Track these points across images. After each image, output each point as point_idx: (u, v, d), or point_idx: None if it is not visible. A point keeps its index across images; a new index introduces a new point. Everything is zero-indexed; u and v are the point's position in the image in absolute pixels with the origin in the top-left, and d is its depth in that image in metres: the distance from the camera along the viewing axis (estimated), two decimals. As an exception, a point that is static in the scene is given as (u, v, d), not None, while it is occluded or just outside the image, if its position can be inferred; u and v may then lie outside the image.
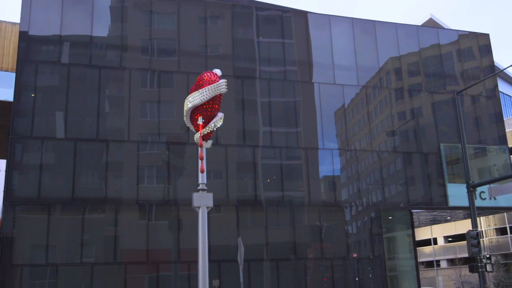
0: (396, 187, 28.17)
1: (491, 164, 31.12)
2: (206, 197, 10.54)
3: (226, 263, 22.53)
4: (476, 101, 31.18)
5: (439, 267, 71.70)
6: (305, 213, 25.68)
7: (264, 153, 25.69)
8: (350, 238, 26.46)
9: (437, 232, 69.65)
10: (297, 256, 24.71)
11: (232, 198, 24.38)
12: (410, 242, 29.44)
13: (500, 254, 63.11)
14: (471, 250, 22.66)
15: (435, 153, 28.80)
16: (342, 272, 25.32)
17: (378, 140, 28.64)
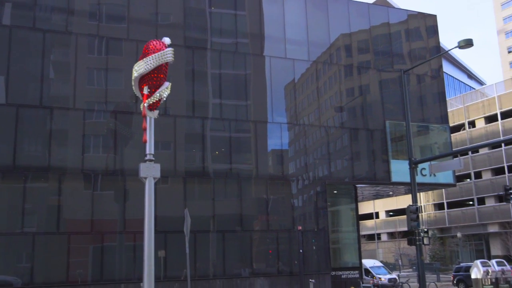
0: (342, 162, 28.78)
1: (432, 142, 32.25)
2: (153, 168, 10.41)
3: (172, 234, 22.52)
4: (421, 81, 32.04)
5: (379, 240, 74.38)
6: (252, 186, 25.90)
7: (213, 125, 25.61)
8: (296, 211, 26.94)
9: (379, 207, 72.03)
10: (243, 228, 24.99)
11: (180, 170, 24.26)
12: (353, 215, 30.31)
13: (437, 228, 66.04)
14: (410, 224, 23.53)
15: (381, 130, 29.52)
16: (287, 244, 25.82)
17: (326, 115, 29.06)
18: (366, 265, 36.56)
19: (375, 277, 34.38)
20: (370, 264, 36.96)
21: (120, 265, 22.47)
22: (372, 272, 35.23)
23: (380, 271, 35.87)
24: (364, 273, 35.29)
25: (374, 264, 37.54)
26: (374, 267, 36.37)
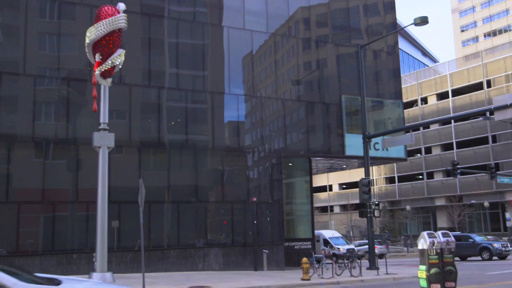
0: (297, 135, 29.05)
1: (386, 117, 32.92)
2: (107, 137, 10.25)
3: (126, 204, 22.32)
4: (377, 56, 32.47)
5: (332, 212, 76.04)
6: (208, 157, 25.87)
7: (170, 95, 25.28)
8: (251, 182, 27.13)
9: (332, 180, 73.41)
10: (198, 199, 25.02)
11: (135, 139, 23.94)
12: (308, 188, 30.80)
13: (387, 201, 68.03)
14: (362, 197, 24.14)
15: (336, 104, 29.87)
16: (241, 215, 26.05)
17: (283, 88, 29.15)
18: (325, 235, 37.14)
19: (334, 247, 34.95)
20: (329, 235, 37.51)
21: (73, 235, 22.17)
22: (331, 242, 35.76)
23: (339, 242, 36.46)
24: (323, 243, 35.95)
25: (333, 235, 38.10)
26: (333, 238, 36.92)
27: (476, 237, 33.50)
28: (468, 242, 33.05)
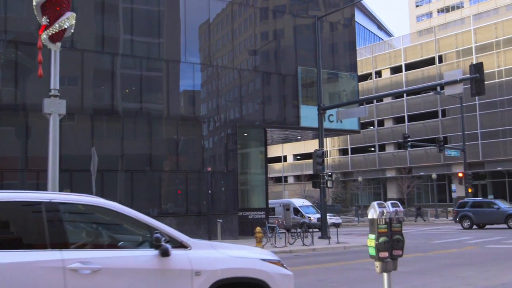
0: (253, 106, 29.07)
1: (341, 90, 33.31)
2: (58, 104, 9.96)
3: (78, 173, 21.91)
4: (334, 29, 32.62)
5: (286, 182, 77.04)
6: (163, 126, 25.60)
7: (124, 62, 24.71)
8: (206, 152, 27.09)
9: (287, 150, 74.15)
10: (153, 168, 24.82)
11: (88, 107, 23.38)
12: (262, 158, 31.03)
13: (340, 172, 69.41)
14: (316, 167, 24.51)
15: (292, 75, 29.96)
16: (196, 185, 26.05)
17: (240, 58, 28.97)
18: (295, 204, 36.88)
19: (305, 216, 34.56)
20: (299, 204, 37.21)
21: (22, 203, 21.64)
22: (301, 211, 35.50)
23: (309, 211, 36.23)
24: (293, 212, 35.86)
25: (303, 204, 37.80)
26: (303, 207, 36.63)
27: (501, 204, 31.09)
28: (492, 209, 30.66)
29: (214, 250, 5.25)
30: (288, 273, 5.51)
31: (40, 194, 4.91)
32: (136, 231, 5.10)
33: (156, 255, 4.75)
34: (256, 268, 5.26)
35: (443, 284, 9.92)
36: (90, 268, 4.42)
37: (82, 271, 4.39)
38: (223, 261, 5.13)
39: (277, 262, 5.55)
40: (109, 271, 4.49)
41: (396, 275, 7.29)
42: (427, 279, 10.66)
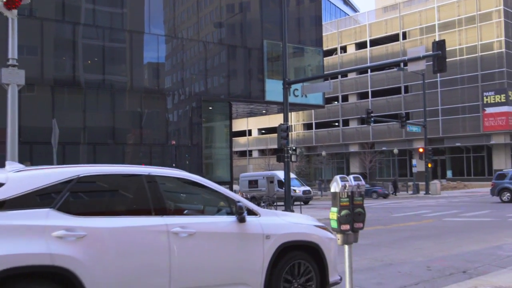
0: (218, 79, 28.87)
1: (306, 64, 33.37)
2: (16, 74, 9.67)
3: (38, 145, 21.45)
4: (300, 3, 32.48)
5: (251, 156, 77.30)
6: (126, 99, 25.20)
7: (86, 32, 24.07)
8: (170, 125, 26.87)
9: (252, 124, 74.23)
10: (116, 141, 24.50)
11: (48, 78, 22.78)
12: (227, 132, 30.99)
13: (304, 147, 70.05)
14: (280, 142, 24.60)
15: (258, 49, 29.82)
16: (160, 158, 25.88)
17: (205, 30, 28.60)
18: (279, 176, 36.34)
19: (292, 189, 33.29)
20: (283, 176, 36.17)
21: (-20, 176, 21.12)
22: None
23: (294, 183, 34.86)
24: (277, 184, 35.36)
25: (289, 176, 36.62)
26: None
27: None
28: None
29: (277, 217, 6.09)
30: (333, 237, 6.20)
31: (140, 168, 5.61)
32: (214, 200, 5.86)
33: (234, 221, 5.52)
34: (311, 233, 6.05)
35: (401, 256, 10.22)
36: (187, 232, 5.11)
37: (181, 235, 5.08)
38: (286, 227, 5.92)
39: (325, 228, 6.38)
40: (201, 235, 5.22)
41: (357, 247, 7.47)
42: (387, 251, 10.95)
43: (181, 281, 5.05)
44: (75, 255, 4.43)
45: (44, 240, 4.36)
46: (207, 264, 5.24)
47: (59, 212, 4.58)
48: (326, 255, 6.12)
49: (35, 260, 4.30)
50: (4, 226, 4.32)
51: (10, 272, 4.18)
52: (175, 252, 5.02)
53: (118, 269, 4.61)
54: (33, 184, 4.65)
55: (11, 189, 4.53)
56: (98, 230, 4.66)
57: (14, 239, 4.29)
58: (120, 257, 4.62)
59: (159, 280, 4.92)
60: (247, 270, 5.56)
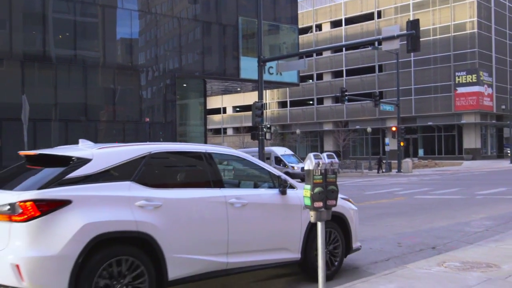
0: (193, 56, 28.59)
1: (281, 42, 33.23)
2: (-16, 48, 9.42)
3: (8, 121, 21.02)
4: (276, -21, 32.19)
5: (225, 134, 77.19)
6: (99, 75, 24.79)
7: (56, 5, 23.47)
8: (144, 102, 26.58)
9: (227, 102, 73.94)
10: (88, 118, 24.15)
11: (17, 52, 22.21)
12: (202, 110, 30.82)
13: (279, 125, 70.21)
14: (255, 119, 24.63)
15: (233, 26, 29.55)
16: (134, 135, 25.65)
17: (179, 6, 28.17)
18: (277, 153, 35.13)
19: (287, 165, 33.05)
20: (281, 152, 35.50)
21: None
22: (284, 160, 33.72)
23: (291, 160, 34.65)
24: (274, 161, 34.80)
25: (285, 152, 36.03)
26: (285, 155, 34.92)
27: None
28: None
29: None
30: (355, 208, 7.19)
31: (199, 145, 6.36)
32: (259, 175, 6.57)
33: (277, 193, 6.23)
34: (340, 204, 6.45)
35: (373, 233, 10.39)
36: (241, 203, 5.78)
37: (236, 205, 5.75)
38: None
39: (349, 199, 7.22)
40: (252, 205, 5.88)
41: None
42: (359, 228, 11.12)
43: (236, 246, 5.71)
44: (154, 222, 5.01)
45: (129, 209, 4.93)
46: (257, 231, 5.92)
47: (137, 184, 5.15)
48: (350, 224, 6.96)
49: (124, 226, 4.88)
50: (96, 196, 4.85)
51: (104, 237, 4.73)
52: (232, 220, 5.67)
53: (187, 234, 5.18)
54: (114, 159, 5.22)
55: (98, 164, 5.06)
56: (171, 200, 5.26)
57: (106, 208, 4.85)
58: (188, 223, 5.20)
59: (219, 244, 5.57)
60: (288, 237, 6.24)
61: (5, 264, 4.49)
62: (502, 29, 59.94)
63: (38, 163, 5.42)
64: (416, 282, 6.04)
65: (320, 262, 4.60)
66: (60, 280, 4.52)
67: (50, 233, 4.55)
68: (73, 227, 4.61)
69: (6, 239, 4.56)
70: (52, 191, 4.70)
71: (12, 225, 4.55)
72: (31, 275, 4.45)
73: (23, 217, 4.51)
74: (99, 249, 4.73)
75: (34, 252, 4.48)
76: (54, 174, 4.91)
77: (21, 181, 5.23)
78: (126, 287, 4.86)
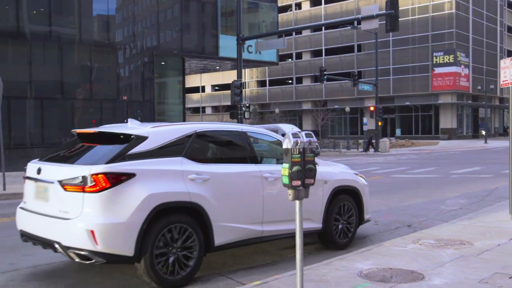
0: (171, 34, 28.23)
1: (260, 20, 32.99)
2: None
3: (-18, 99, 20.57)
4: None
5: (204, 113, 76.88)
6: (75, 52, 24.35)
7: (30, -20, 22.87)
8: (122, 81, 26.25)
9: (205, 81, 73.50)
10: (65, 96, 23.77)
11: (-10, 28, 21.65)
12: (180, 88, 30.57)
13: (258, 104, 70.15)
14: (234, 98, 24.57)
15: (212, 3, 29.20)
16: (111, 114, 25.36)
17: (157, -18, 27.71)
18: (284, 129, 35.42)
19: None
20: (288, 129, 35.26)
21: None
22: None
23: None
24: None
25: (292, 130, 35.56)
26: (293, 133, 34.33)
27: None
28: None
29: (329, 167, 7.65)
30: (366, 183, 8.01)
31: (236, 125, 7.06)
32: None
33: None
34: (353, 179, 7.68)
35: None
36: (273, 177, 6.45)
37: (270, 179, 6.45)
38: (337, 174, 7.54)
39: (361, 175, 8.05)
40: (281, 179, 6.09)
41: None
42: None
43: (269, 216, 6.40)
44: (203, 193, 5.65)
45: (182, 181, 5.55)
46: (286, 203, 6.11)
47: (188, 159, 5.77)
48: (363, 197, 7.73)
49: (179, 197, 5.52)
50: (155, 170, 5.45)
51: (163, 206, 5.36)
52: (266, 192, 6.38)
53: (230, 205, 5.72)
54: (167, 137, 5.80)
55: (153, 142, 5.65)
56: (217, 174, 5.89)
57: (164, 181, 5.47)
58: (231, 195, 5.73)
59: (256, 214, 6.27)
60: (312, 209, 6.93)
61: (81, 230, 5.05)
62: (479, 10, 60.43)
63: (95, 140, 5.95)
64: (392, 259, 6.16)
65: (298, 240, 4.64)
66: (128, 244, 5.14)
67: (119, 203, 5.15)
68: (138, 197, 5.21)
69: (79, 208, 5.12)
70: (119, 165, 5.28)
71: (84, 196, 5.11)
72: (104, 239, 5.04)
73: (95, 188, 5.09)
74: (159, 217, 5.34)
75: (106, 219, 5.07)
76: (118, 150, 5.47)
77: (85, 156, 5.81)
78: (179, 251, 5.50)
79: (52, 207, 5.37)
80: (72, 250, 5.15)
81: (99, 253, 5.07)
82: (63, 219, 5.21)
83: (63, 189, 5.25)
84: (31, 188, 5.88)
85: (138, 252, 5.20)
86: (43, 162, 5.99)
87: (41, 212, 5.51)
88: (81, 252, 5.11)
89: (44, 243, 5.47)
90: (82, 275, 6.13)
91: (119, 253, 5.16)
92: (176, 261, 5.49)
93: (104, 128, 6.16)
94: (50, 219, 5.34)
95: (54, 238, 5.23)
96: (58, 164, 5.75)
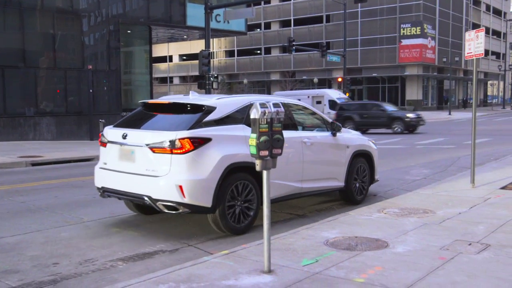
0: (137, 2, 27.57)
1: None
2: None
3: None
4: None
5: (172, 83, 75.96)
6: (37, 19, 23.56)
7: None
8: (87, 49, 25.61)
9: (173, 50, 72.43)
10: (27, 64, 23.08)
11: None
12: (147, 58, 30.05)
13: (226, 74, 69.68)
14: (201, 68, 24.31)
15: (179, -29, 28.56)
16: (76, 83, 24.81)
17: None
18: (332, 96, 33.69)
19: None
20: (336, 96, 34.04)
21: None
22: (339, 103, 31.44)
23: None
24: (328, 105, 32.86)
25: (340, 96, 34.33)
26: (341, 99, 33.28)
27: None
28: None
29: (349, 134, 8.95)
30: (376, 147, 9.24)
31: (278, 97, 8.33)
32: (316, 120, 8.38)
33: (330, 135, 8.23)
34: (368, 144, 8.97)
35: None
36: (310, 142, 7.71)
37: (308, 143, 7.65)
38: (356, 140, 8.80)
39: (372, 141, 9.25)
40: (316, 144, 7.84)
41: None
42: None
43: (307, 174, 7.58)
44: None
45: (246, 145, 6.16)
46: (319, 163, 7.87)
47: (247, 126, 6.50)
48: (375, 160, 9.00)
49: (244, 158, 6.41)
50: (226, 135, 6.45)
51: (233, 166, 6.39)
52: (305, 155, 7.56)
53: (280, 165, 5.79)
54: (231, 108, 6.80)
55: (221, 111, 6.63)
56: None
57: (232, 144, 6.47)
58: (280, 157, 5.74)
59: (297, 173, 7.42)
60: (337, 169, 8.23)
61: (171, 185, 6.03)
62: (447, -18, 60.86)
63: (167, 110, 6.98)
64: (357, 227, 6.29)
65: (265, 210, 4.67)
66: (208, 196, 6.15)
67: (200, 163, 6.13)
68: (215, 158, 6.21)
69: (168, 166, 6.08)
70: (199, 131, 6.24)
71: (172, 157, 6.06)
72: (190, 193, 6.04)
73: (182, 150, 6.04)
74: (229, 175, 6.35)
75: (191, 176, 6.07)
76: (195, 119, 6.42)
77: (165, 123, 6.65)
78: (243, 203, 6.57)
79: (140, 167, 6.30)
80: (161, 202, 6.10)
81: (185, 204, 6.06)
82: (152, 176, 6.14)
83: (151, 151, 6.17)
84: (115, 151, 6.71)
85: (215, 204, 6.19)
86: (127, 129, 6.70)
87: (128, 171, 6.45)
88: (170, 204, 6.08)
89: (132, 197, 6.51)
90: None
91: (200, 204, 6.12)
92: (240, 212, 6.54)
93: (175, 99, 7.18)
94: (138, 176, 6.28)
95: (144, 193, 6.18)
96: (142, 131, 6.65)
